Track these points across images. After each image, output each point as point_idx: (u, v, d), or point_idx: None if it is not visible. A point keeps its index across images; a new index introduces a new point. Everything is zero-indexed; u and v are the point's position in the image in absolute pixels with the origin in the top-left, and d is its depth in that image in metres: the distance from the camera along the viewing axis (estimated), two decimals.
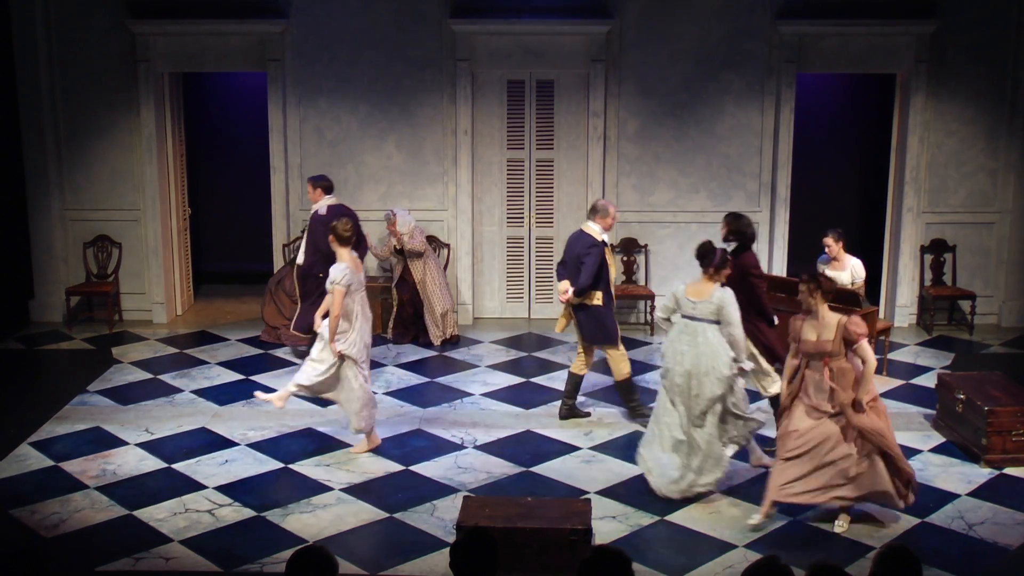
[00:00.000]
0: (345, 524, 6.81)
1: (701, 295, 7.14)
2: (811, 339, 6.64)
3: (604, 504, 7.04)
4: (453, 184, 11.32)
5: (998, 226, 11.32)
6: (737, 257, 7.70)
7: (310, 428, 8.45)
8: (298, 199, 11.25)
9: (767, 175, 11.26)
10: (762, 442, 7.78)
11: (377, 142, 11.32)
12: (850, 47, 11.03)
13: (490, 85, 11.21)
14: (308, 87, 11.19)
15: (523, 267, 11.56)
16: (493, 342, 10.80)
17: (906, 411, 8.87)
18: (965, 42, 10.98)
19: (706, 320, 7.09)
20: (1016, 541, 6.62)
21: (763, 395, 8.08)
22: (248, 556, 6.39)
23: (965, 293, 11.17)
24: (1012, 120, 11.09)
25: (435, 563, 6.29)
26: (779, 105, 11.09)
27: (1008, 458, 7.67)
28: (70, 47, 11.08)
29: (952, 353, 10.47)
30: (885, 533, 6.67)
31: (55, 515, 6.91)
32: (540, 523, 6.23)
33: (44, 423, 8.49)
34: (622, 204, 11.26)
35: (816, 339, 6.63)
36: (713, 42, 11.06)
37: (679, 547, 6.53)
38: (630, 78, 11.14)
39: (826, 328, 6.61)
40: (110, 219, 11.37)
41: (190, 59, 11.22)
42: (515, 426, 8.49)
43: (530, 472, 7.63)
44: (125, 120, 11.21)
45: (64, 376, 9.90)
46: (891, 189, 11.48)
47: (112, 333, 11.05)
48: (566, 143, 11.32)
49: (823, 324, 6.63)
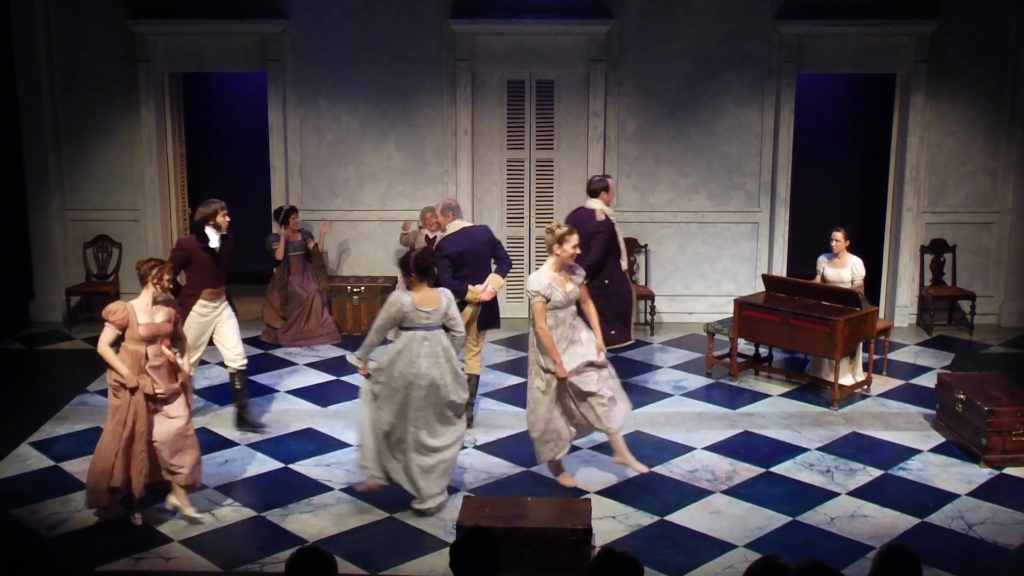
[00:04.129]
0: (345, 524, 6.81)
1: (429, 303, 6.87)
2: None
3: (604, 504, 7.04)
4: (453, 184, 11.32)
5: (998, 226, 11.32)
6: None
7: (310, 428, 8.46)
8: (298, 199, 11.25)
9: (767, 175, 11.26)
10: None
11: (377, 142, 11.32)
12: (850, 47, 11.03)
13: (490, 85, 11.22)
14: (308, 87, 11.20)
15: (523, 267, 11.56)
16: (493, 342, 10.79)
17: (906, 411, 8.87)
18: (965, 42, 10.98)
19: (439, 327, 6.89)
20: (1016, 541, 6.62)
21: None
22: (248, 556, 6.39)
23: (965, 293, 11.17)
24: (1012, 120, 11.09)
25: (435, 563, 6.29)
26: (779, 105, 11.09)
27: (1008, 458, 7.67)
28: (70, 47, 11.09)
29: (952, 353, 10.47)
30: (885, 533, 6.67)
31: (55, 515, 6.91)
32: (540, 523, 6.22)
33: (44, 423, 8.50)
34: (622, 204, 11.27)
35: None
36: (713, 42, 11.07)
37: (679, 547, 6.52)
38: (630, 78, 11.15)
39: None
40: (110, 219, 11.38)
41: (190, 59, 11.22)
42: (515, 426, 8.48)
43: (530, 472, 7.63)
44: (125, 120, 11.22)
45: (64, 376, 9.90)
46: (891, 189, 11.48)
47: None
48: (566, 143, 11.32)
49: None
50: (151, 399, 6.59)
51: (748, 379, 9.66)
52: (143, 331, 6.58)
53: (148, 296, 6.72)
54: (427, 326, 6.81)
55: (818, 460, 7.85)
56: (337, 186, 11.38)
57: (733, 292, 10.98)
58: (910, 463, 7.80)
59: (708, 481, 7.47)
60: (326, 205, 11.39)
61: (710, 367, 9.74)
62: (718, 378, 9.64)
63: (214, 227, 8.17)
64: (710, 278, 11.44)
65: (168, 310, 6.80)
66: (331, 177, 11.38)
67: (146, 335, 6.59)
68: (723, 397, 9.23)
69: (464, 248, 8.19)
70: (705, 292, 11.39)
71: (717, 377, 9.67)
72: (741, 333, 9.48)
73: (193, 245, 8.18)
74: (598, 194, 8.97)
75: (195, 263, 8.15)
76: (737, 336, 9.53)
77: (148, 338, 6.60)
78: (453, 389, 6.87)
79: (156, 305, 6.73)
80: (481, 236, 8.39)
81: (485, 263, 8.32)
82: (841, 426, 8.52)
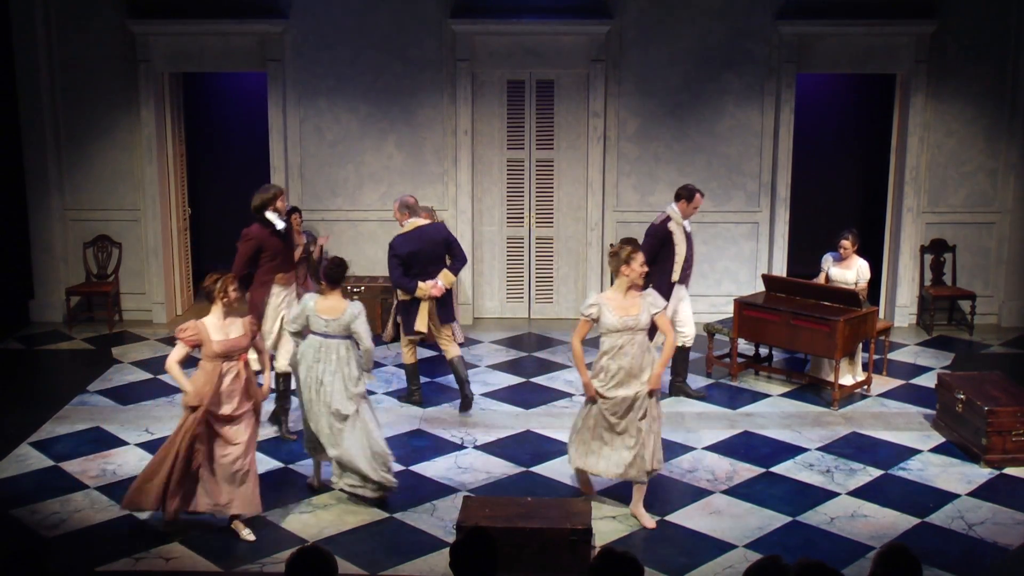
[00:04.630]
0: (345, 524, 6.81)
1: (331, 312, 6.95)
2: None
3: (604, 504, 7.04)
4: (453, 184, 11.32)
5: (998, 226, 11.32)
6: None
7: None
8: (298, 199, 11.24)
9: (767, 175, 11.26)
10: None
11: (377, 142, 11.32)
12: (850, 47, 11.03)
13: (490, 85, 11.22)
14: (308, 87, 11.20)
15: (523, 267, 11.56)
16: (493, 342, 10.80)
17: (906, 411, 8.87)
18: (965, 42, 10.98)
19: (339, 336, 6.95)
20: (1016, 541, 6.62)
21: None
22: (248, 556, 6.39)
23: (965, 293, 11.17)
24: (1012, 120, 11.09)
25: (435, 563, 6.29)
26: (779, 105, 11.09)
27: (1008, 458, 7.67)
28: (70, 47, 11.09)
29: (952, 353, 10.47)
30: (885, 533, 6.67)
31: (55, 515, 6.91)
32: (540, 523, 6.22)
33: (44, 423, 8.50)
34: (622, 204, 11.28)
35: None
36: (713, 42, 11.07)
37: (679, 547, 6.53)
38: (630, 78, 11.14)
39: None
40: (110, 219, 11.38)
41: (190, 59, 11.22)
42: (515, 426, 8.49)
43: (530, 472, 7.64)
44: (125, 120, 11.22)
45: (64, 376, 9.90)
46: (891, 189, 11.48)
47: (112, 333, 11.06)
48: (566, 143, 11.32)
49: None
50: (217, 419, 6.47)
51: (748, 379, 9.66)
52: (218, 348, 6.46)
53: (219, 311, 6.55)
54: (325, 333, 6.92)
55: (818, 460, 7.85)
56: (337, 186, 11.38)
57: (733, 292, 10.98)
58: (910, 463, 7.81)
59: (708, 481, 7.47)
60: (326, 205, 11.39)
61: (710, 367, 9.74)
62: (718, 378, 9.64)
63: (275, 211, 8.10)
64: (710, 278, 11.44)
65: (244, 322, 6.66)
66: (331, 177, 11.38)
67: (221, 351, 6.47)
68: (723, 397, 9.23)
69: (416, 248, 8.39)
70: (705, 292, 11.38)
71: (717, 377, 9.67)
72: (741, 333, 9.48)
73: (260, 232, 8.01)
74: (678, 200, 8.78)
75: (266, 250, 8.02)
76: (737, 336, 9.52)
77: (224, 354, 6.48)
78: (339, 399, 6.89)
79: (230, 319, 6.58)
80: (435, 235, 8.58)
81: (439, 261, 8.50)
82: (841, 426, 8.52)
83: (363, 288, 10.93)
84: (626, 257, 6.65)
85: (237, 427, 6.53)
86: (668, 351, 6.84)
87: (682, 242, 8.73)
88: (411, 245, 8.40)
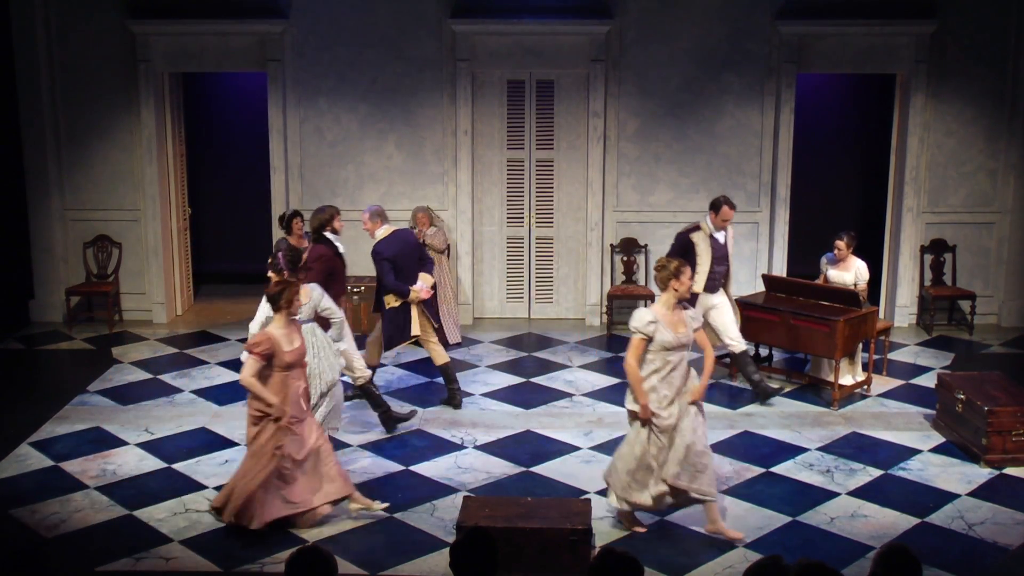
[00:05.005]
0: (345, 524, 6.81)
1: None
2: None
3: (604, 504, 7.03)
4: (453, 184, 11.32)
5: (998, 226, 11.32)
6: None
7: None
8: (298, 199, 11.25)
9: (767, 175, 11.26)
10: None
11: (377, 142, 11.32)
12: (850, 47, 11.03)
13: (490, 85, 11.22)
14: (308, 87, 11.20)
15: (523, 267, 11.56)
16: (493, 342, 10.80)
17: (906, 411, 8.87)
18: (965, 42, 10.98)
19: (307, 322, 7.27)
20: (1016, 541, 6.62)
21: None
22: (248, 556, 6.39)
23: (965, 293, 11.17)
24: (1012, 120, 11.09)
25: (435, 563, 6.29)
26: (779, 105, 11.09)
27: (1008, 458, 7.67)
28: (70, 47, 11.08)
29: (952, 353, 10.47)
30: (885, 533, 6.67)
31: (55, 515, 6.90)
32: (540, 523, 6.22)
33: (44, 423, 8.49)
34: (622, 204, 11.28)
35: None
36: (713, 42, 11.07)
37: (679, 547, 6.53)
38: (630, 78, 11.14)
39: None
40: (110, 219, 11.38)
41: (190, 59, 11.22)
42: (515, 426, 8.49)
43: (530, 472, 7.63)
44: (125, 120, 11.22)
45: (64, 376, 9.91)
46: (891, 189, 11.48)
47: (112, 333, 11.06)
48: (566, 143, 11.32)
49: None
50: (290, 422, 6.55)
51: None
52: (288, 358, 6.53)
53: (283, 320, 6.61)
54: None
55: (818, 460, 7.85)
56: (337, 186, 11.38)
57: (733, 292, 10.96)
58: (910, 463, 7.81)
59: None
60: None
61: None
62: (718, 378, 9.64)
63: (332, 231, 8.07)
64: None
65: (300, 329, 6.79)
66: (331, 177, 11.38)
67: (292, 360, 6.55)
68: (723, 397, 9.23)
69: (398, 251, 8.49)
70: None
71: (717, 377, 9.66)
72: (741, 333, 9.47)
73: (327, 252, 8.07)
74: (712, 209, 9.01)
75: (334, 271, 8.06)
76: None
77: (293, 363, 6.56)
78: (328, 373, 7.33)
79: (291, 327, 6.65)
80: (409, 239, 8.78)
81: (415, 264, 8.63)
82: (841, 426, 8.52)
83: (363, 288, 10.93)
84: (674, 270, 6.41)
85: (307, 422, 6.68)
86: (710, 366, 6.62)
87: (706, 252, 8.85)
88: (395, 248, 8.48)
